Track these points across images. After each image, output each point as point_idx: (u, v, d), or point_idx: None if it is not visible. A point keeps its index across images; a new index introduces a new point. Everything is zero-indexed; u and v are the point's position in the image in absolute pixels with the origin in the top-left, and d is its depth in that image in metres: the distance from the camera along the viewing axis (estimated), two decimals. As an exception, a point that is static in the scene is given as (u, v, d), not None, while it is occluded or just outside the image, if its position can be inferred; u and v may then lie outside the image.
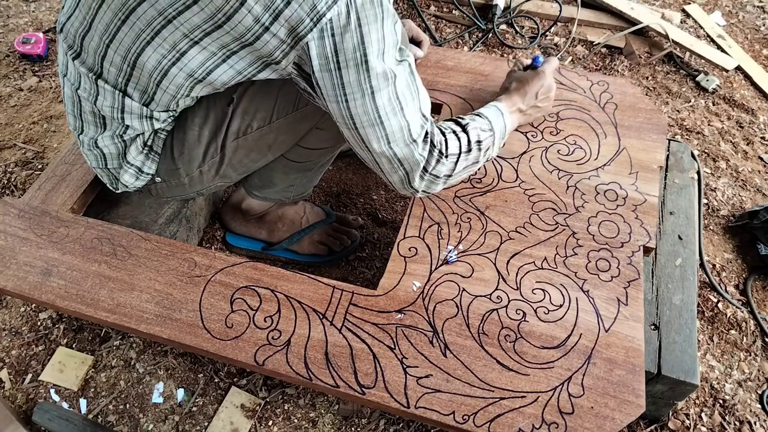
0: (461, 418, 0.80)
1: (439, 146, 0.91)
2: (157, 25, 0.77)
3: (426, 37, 1.32)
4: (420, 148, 0.89)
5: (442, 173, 0.94)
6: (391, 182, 0.95)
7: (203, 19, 0.75)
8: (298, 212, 1.34)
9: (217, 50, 0.79)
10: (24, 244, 1.04)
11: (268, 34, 0.74)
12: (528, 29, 1.99)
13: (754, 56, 1.89)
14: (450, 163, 0.94)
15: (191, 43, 0.78)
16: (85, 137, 0.99)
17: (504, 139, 1.05)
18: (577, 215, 1.02)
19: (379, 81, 0.79)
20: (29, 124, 1.69)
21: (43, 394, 1.16)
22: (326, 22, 0.72)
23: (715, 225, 1.43)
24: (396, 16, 0.81)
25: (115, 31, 0.81)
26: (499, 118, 1.02)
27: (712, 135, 1.64)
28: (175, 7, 0.75)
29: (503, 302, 0.92)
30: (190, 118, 0.99)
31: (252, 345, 0.89)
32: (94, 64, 0.87)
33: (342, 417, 1.12)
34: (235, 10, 0.72)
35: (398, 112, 0.83)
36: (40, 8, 2.15)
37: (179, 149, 1.01)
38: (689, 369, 0.93)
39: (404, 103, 0.83)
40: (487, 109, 1.03)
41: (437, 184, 0.96)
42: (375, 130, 0.84)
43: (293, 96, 0.97)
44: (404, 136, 0.86)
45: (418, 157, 0.89)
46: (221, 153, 1.03)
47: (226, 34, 0.76)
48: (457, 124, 0.97)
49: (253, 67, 0.82)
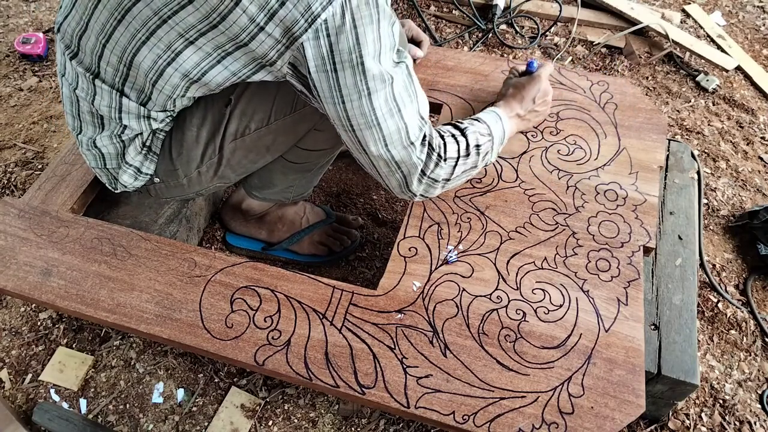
0: (461, 418, 0.80)
1: (438, 149, 0.91)
2: (152, 24, 0.77)
3: (426, 37, 1.32)
4: (418, 150, 0.88)
5: (440, 177, 0.93)
6: (389, 186, 0.94)
7: (198, 19, 0.75)
8: (298, 212, 1.34)
9: (212, 51, 0.79)
10: (24, 244, 1.04)
11: (263, 34, 0.74)
12: (528, 29, 1.99)
13: (754, 56, 1.89)
14: (448, 167, 0.93)
15: (186, 43, 0.78)
16: (83, 137, 0.99)
17: (503, 144, 1.05)
18: (577, 215, 1.02)
19: (375, 82, 0.79)
20: (29, 124, 1.69)
21: (43, 394, 1.16)
22: (321, 23, 0.72)
23: (715, 225, 1.43)
24: (393, 17, 0.81)
25: (111, 30, 0.81)
26: (498, 123, 1.02)
27: (712, 135, 1.64)
28: (170, 7, 0.75)
29: (503, 302, 0.92)
30: (188, 119, 0.99)
31: (252, 345, 0.89)
32: (91, 63, 0.87)
33: (342, 417, 1.12)
34: (230, 10, 0.72)
35: (395, 114, 0.83)
36: (40, 8, 2.15)
37: (177, 150, 1.01)
38: (689, 369, 0.93)
39: (402, 105, 0.83)
40: (485, 114, 1.02)
41: (435, 188, 0.95)
42: (372, 132, 0.83)
43: (291, 97, 0.97)
44: (402, 138, 0.85)
45: (416, 160, 0.88)
46: (219, 154, 1.02)
47: (221, 35, 0.76)
48: (455, 127, 0.96)
49: (247, 69, 0.82)
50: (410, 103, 0.84)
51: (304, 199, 1.32)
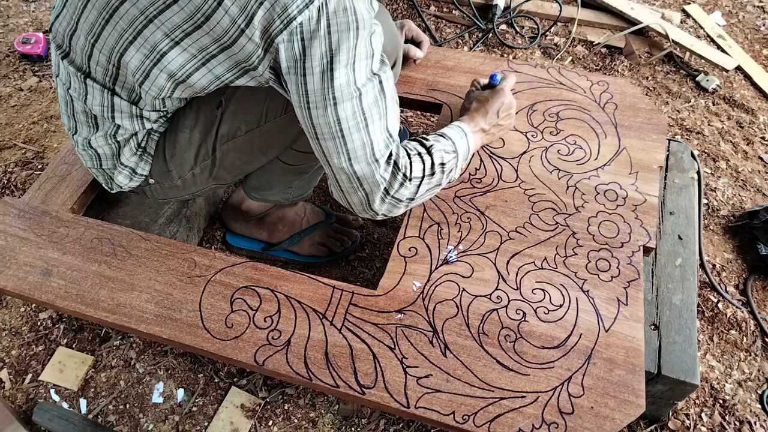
0: (461, 418, 0.80)
1: (404, 169, 0.88)
2: (138, 24, 0.77)
3: (426, 37, 1.32)
4: (381, 168, 0.85)
5: (404, 196, 0.91)
6: (351, 203, 0.91)
7: (183, 19, 0.75)
8: (298, 213, 1.34)
9: (197, 52, 0.79)
10: (24, 244, 1.04)
11: (244, 37, 0.74)
12: (528, 29, 1.99)
13: (754, 56, 1.89)
14: (413, 187, 0.90)
15: (172, 43, 0.78)
16: (79, 137, 0.99)
17: (467, 160, 1.03)
18: (577, 215, 1.02)
19: (342, 92, 0.76)
20: (29, 124, 1.69)
21: (43, 394, 1.16)
22: (296, 26, 0.72)
23: (715, 225, 1.43)
24: (374, 27, 0.79)
25: (100, 30, 0.81)
26: (463, 139, 0.99)
27: (712, 135, 1.64)
28: (155, 6, 0.75)
29: (503, 302, 0.92)
30: (181, 121, 0.98)
31: (252, 345, 0.89)
32: (82, 63, 0.88)
33: (342, 417, 1.12)
34: (213, 10, 0.72)
35: (362, 128, 0.80)
36: (40, 8, 2.15)
37: (171, 151, 1.01)
38: (689, 369, 0.93)
39: (369, 120, 0.80)
40: (450, 130, 0.99)
41: (399, 207, 0.93)
42: (336, 144, 0.81)
43: (282, 99, 0.96)
44: (366, 154, 0.82)
45: (378, 178, 0.85)
46: (212, 156, 1.02)
47: (206, 35, 0.76)
48: (421, 145, 0.94)
49: (231, 73, 0.82)
50: (379, 119, 0.82)
51: (304, 199, 1.32)
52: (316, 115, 0.79)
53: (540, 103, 1.22)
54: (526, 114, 1.20)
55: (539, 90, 1.24)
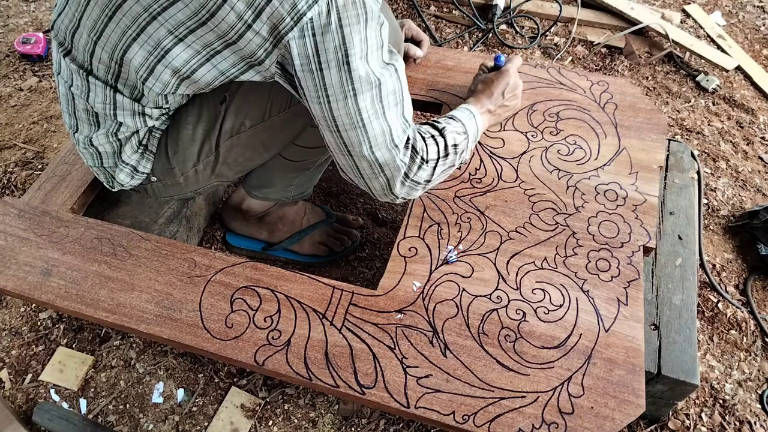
0: (461, 418, 0.80)
1: (421, 152, 0.90)
2: (142, 21, 0.77)
3: (426, 37, 1.32)
4: (401, 153, 0.87)
5: (422, 179, 0.93)
6: (372, 189, 0.93)
7: (187, 16, 0.75)
8: (298, 212, 1.34)
9: (201, 48, 0.79)
10: (24, 244, 1.04)
11: (251, 32, 0.74)
12: (528, 29, 1.99)
13: (754, 56, 1.89)
14: (430, 169, 0.93)
15: (176, 40, 0.78)
16: (80, 135, 0.99)
17: (476, 140, 1.05)
18: (577, 215, 1.02)
19: (361, 83, 0.78)
20: (29, 124, 1.69)
21: (43, 394, 1.16)
22: (307, 21, 0.72)
23: (715, 225, 1.43)
24: (382, 18, 0.80)
25: (103, 27, 0.81)
26: (472, 120, 1.01)
27: (712, 135, 1.64)
28: (159, 3, 0.75)
29: (503, 302, 0.92)
30: (184, 117, 0.99)
31: (252, 345, 0.89)
32: (84, 60, 0.88)
33: (342, 417, 1.12)
34: (218, 7, 0.72)
35: (380, 115, 0.82)
36: (40, 8, 2.15)
37: (173, 148, 1.01)
38: (689, 369, 0.93)
39: (387, 107, 0.82)
40: (459, 112, 1.02)
41: (417, 189, 0.95)
42: (357, 134, 0.83)
43: (286, 94, 0.96)
44: (386, 140, 0.85)
45: (399, 163, 0.88)
46: (216, 152, 1.02)
47: (210, 32, 0.76)
48: (434, 128, 0.96)
49: (236, 68, 0.82)
50: (395, 105, 0.84)
51: (304, 198, 1.32)
52: (336, 108, 0.80)
53: (540, 103, 1.22)
54: (526, 114, 1.20)
55: (539, 90, 1.24)
